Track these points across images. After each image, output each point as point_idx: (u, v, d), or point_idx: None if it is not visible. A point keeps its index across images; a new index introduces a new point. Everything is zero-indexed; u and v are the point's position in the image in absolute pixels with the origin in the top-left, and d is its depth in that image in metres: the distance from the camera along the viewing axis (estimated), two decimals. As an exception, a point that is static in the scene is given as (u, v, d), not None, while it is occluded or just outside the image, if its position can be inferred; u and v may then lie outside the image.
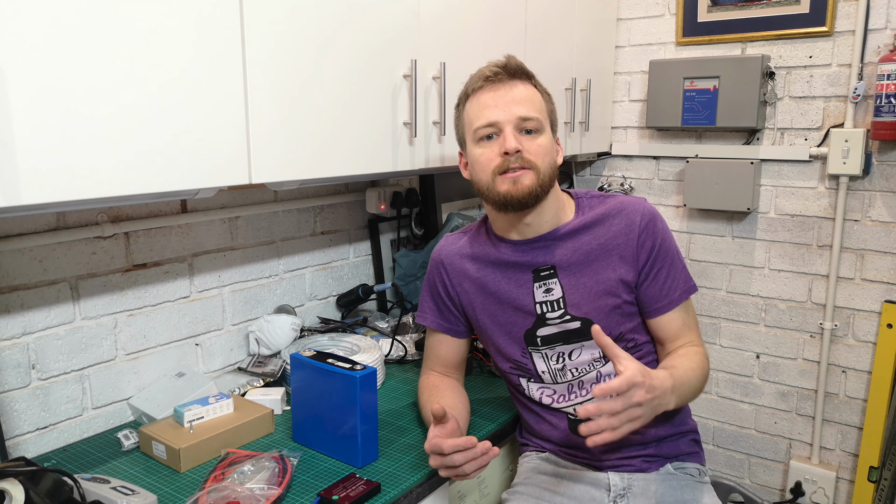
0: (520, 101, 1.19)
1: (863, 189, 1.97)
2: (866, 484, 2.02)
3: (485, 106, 1.20)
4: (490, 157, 1.20)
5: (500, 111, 1.19)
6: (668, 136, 2.29)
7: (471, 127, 1.23)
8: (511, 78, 1.21)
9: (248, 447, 1.30)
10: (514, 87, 1.20)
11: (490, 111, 1.20)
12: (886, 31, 1.87)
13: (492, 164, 1.20)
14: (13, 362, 1.26)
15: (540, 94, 1.24)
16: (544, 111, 1.23)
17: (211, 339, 1.60)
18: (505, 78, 1.21)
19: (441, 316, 1.39)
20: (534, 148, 1.19)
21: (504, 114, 1.19)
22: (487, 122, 1.20)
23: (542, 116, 1.21)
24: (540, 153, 1.20)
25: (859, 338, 2.03)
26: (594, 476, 1.29)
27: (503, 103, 1.19)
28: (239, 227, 1.65)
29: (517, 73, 1.22)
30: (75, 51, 0.89)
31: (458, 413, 1.30)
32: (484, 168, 1.21)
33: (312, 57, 1.23)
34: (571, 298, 1.26)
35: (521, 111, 1.18)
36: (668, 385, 1.07)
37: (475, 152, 1.23)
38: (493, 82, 1.21)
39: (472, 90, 1.24)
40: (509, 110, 1.18)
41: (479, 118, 1.21)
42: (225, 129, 1.09)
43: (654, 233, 1.25)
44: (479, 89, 1.22)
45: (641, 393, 1.00)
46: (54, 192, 0.89)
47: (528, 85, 1.22)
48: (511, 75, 1.21)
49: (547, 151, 1.21)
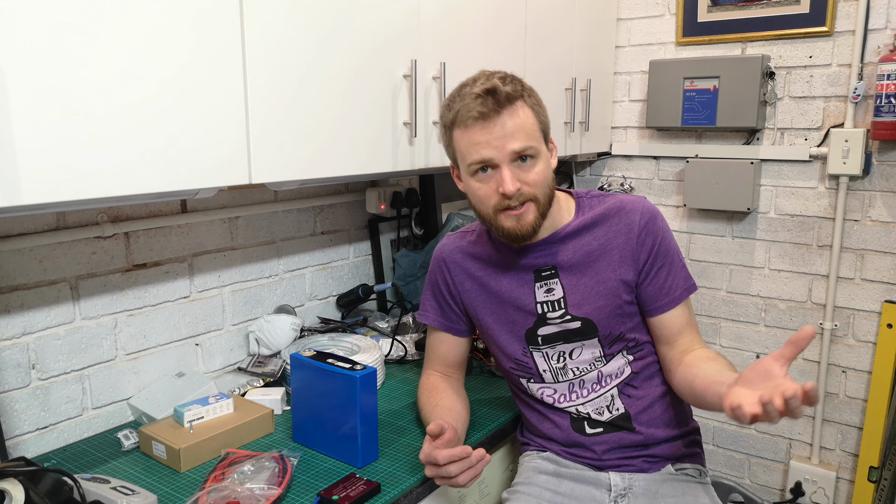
0: (513, 135, 1.12)
1: (863, 189, 1.97)
2: (866, 484, 2.02)
3: (476, 143, 1.14)
4: (488, 194, 1.17)
5: (494, 150, 1.13)
6: (668, 136, 2.29)
7: (463, 158, 1.18)
8: (500, 109, 1.12)
9: (248, 447, 1.30)
10: (504, 119, 1.12)
11: (483, 149, 1.13)
12: (886, 31, 1.87)
13: (490, 201, 1.17)
14: (13, 362, 1.26)
15: (532, 111, 1.16)
16: (537, 131, 1.16)
17: (211, 339, 1.60)
18: (493, 112, 1.12)
19: (443, 314, 1.39)
20: (531, 178, 1.15)
21: (498, 152, 1.13)
22: (481, 158, 1.14)
23: (536, 141, 1.15)
24: (538, 181, 1.16)
25: (859, 338, 2.03)
26: (595, 476, 1.29)
27: (496, 140, 1.12)
28: (239, 227, 1.65)
29: (506, 102, 1.12)
30: (75, 50, 0.89)
31: (458, 414, 1.30)
32: (483, 202, 1.18)
33: (312, 56, 1.23)
34: (572, 298, 1.26)
35: (515, 145, 1.12)
36: (768, 361, 0.97)
37: (472, 184, 1.19)
38: (483, 119, 1.12)
39: (460, 122, 1.15)
40: (503, 147, 1.12)
41: (471, 154, 1.15)
42: (225, 129, 1.09)
43: (655, 231, 1.25)
44: (468, 127, 1.14)
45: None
46: (54, 192, 0.89)
47: (520, 107, 1.14)
48: (500, 105, 1.12)
49: (545, 177, 1.17)
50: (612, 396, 1.28)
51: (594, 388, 1.29)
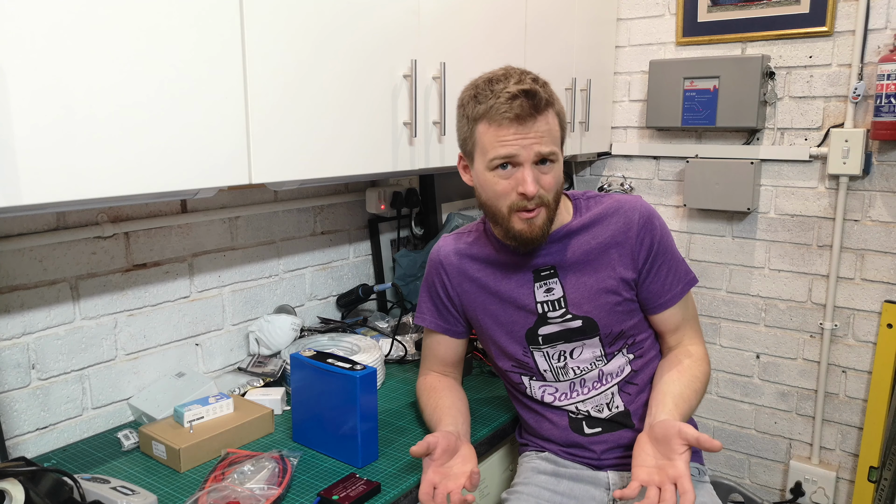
0: (541, 138, 1.14)
1: (863, 189, 1.97)
2: (866, 484, 2.02)
3: (505, 140, 1.14)
4: (506, 191, 1.17)
5: (522, 149, 1.14)
6: (668, 136, 2.29)
7: (484, 152, 1.17)
8: (537, 114, 1.13)
9: (248, 447, 1.30)
10: (539, 124, 1.14)
11: (511, 147, 1.14)
12: (886, 31, 1.87)
13: (508, 199, 1.17)
14: (13, 362, 1.26)
15: (558, 119, 1.18)
16: (559, 138, 1.19)
17: (211, 339, 1.60)
18: (531, 117, 1.13)
19: (440, 316, 1.39)
20: (548, 182, 1.17)
21: (525, 151, 1.14)
22: (507, 154, 1.14)
23: (558, 147, 1.18)
24: (553, 187, 1.18)
25: (859, 338, 2.03)
26: (594, 475, 1.29)
27: (526, 141, 1.13)
28: (239, 227, 1.65)
29: (544, 107, 1.14)
30: (75, 50, 0.89)
31: (459, 411, 1.30)
32: (498, 197, 1.18)
33: (312, 57, 1.23)
34: (572, 298, 1.26)
35: (542, 149, 1.14)
36: (675, 432, 1.07)
37: (487, 177, 1.18)
38: (518, 121, 1.13)
39: (491, 118, 1.14)
40: (531, 148, 1.13)
41: (496, 149, 1.15)
42: (225, 129, 1.09)
43: (653, 230, 1.26)
44: (501, 125, 1.14)
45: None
46: (54, 192, 0.89)
47: (551, 115, 1.16)
48: (538, 110, 1.13)
49: (559, 182, 1.20)
50: (612, 394, 1.29)
51: (595, 387, 1.29)
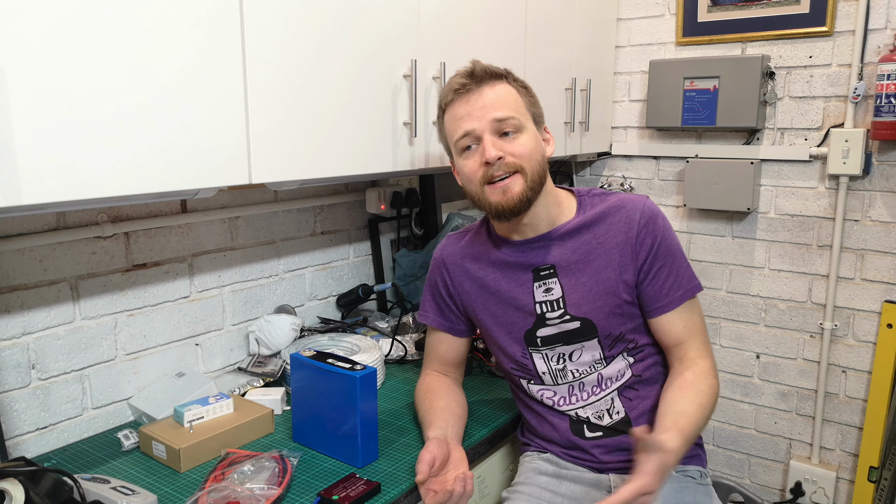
0: (492, 105, 1.18)
1: (863, 189, 1.97)
2: (866, 484, 2.02)
3: (459, 117, 1.20)
4: (474, 169, 1.20)
5: (474, 120, 1.18)
6: (668, 136, 2.29)
7: (451, 140, 1.23)
8: (480, 83, 1.19)
9: (248, 447, 1.30)
10: (484, 91, 1.19)
11: (465, 122, 1.19)
12: (886, 31, 1.87)
13: (477, 175, 1.20)
14: (13, 362, 1.26)
15: (515, 90, 1.22)
16: (522, 107, 1.21)
17: (211, 339, 1.60)
18: (473, 85, 1.19)
19: (442, 315, 1.39)
20: (516, 149, 1.18)
21: (478, 122, 1.18)
22: (464, 132, 1.19)
23: (519, 114, 1.19)
24: (524, 153, 1.18)
25: (859, 338, 2.03)
26: (595, 477, 1.29)
27: (476, 111, 1.18)
28: (239, 227, 1.65)
29: (485, 77, 1.20)
30: (75, 51, 0.89)
31: (451, 413, 1.30)
32: (471, 179, 1.22)
33: (312, 57, 1.23)
34: (571, 298, 1.26)
35: (495, 114, 1.17)
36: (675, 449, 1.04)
37: (460, 163, 1.24)
38: (462, 93, 1.19)
39: (445, 104, 1.23)
40: (483, 116, 1.17)
41: (455, 130, 1.21)
42: (225, 129, 1.09)
43: (654, 230, 1.23)
44: (451, 102, 1.21)
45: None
46: (54, 192, 0.89)
47: (501, 84, 1.20)
48: (480, 81, 1.19)
49: (532, 150, 1.20)
50: (612, 399, 1.28)
51: (594, 392, 1.28)
